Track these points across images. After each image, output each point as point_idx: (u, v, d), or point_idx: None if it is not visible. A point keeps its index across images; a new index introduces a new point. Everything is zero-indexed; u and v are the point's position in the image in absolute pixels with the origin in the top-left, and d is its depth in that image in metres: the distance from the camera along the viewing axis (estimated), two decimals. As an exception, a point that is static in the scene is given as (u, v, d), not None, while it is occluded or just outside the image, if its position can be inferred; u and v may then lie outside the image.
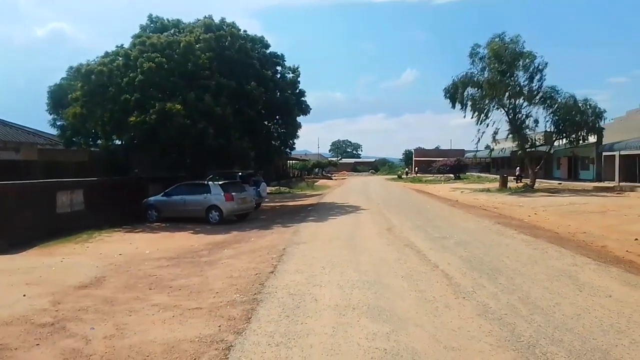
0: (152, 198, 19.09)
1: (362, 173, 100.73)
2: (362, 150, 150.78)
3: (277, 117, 23.93)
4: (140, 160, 22.81)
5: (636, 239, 11.66)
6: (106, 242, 13.96)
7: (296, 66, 24.45)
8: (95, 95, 18.65)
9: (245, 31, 22.71)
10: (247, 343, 5.33)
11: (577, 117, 31.03)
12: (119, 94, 18.31)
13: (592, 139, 33.78)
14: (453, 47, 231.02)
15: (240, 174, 23.15)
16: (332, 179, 68.59)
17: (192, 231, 15.94)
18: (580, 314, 6.03)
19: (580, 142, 32.53)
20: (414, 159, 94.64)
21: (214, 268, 9.70)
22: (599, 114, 31.59)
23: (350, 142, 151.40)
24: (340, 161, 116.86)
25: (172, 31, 21.67)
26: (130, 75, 18.38)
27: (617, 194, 26.19)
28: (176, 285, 8.20)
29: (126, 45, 20.60)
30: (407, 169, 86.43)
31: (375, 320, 5.95)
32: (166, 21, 22.69)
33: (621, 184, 30.32)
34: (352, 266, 9.19)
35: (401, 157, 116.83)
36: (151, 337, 5.66)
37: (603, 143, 33.83)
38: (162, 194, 18.90)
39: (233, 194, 18.14)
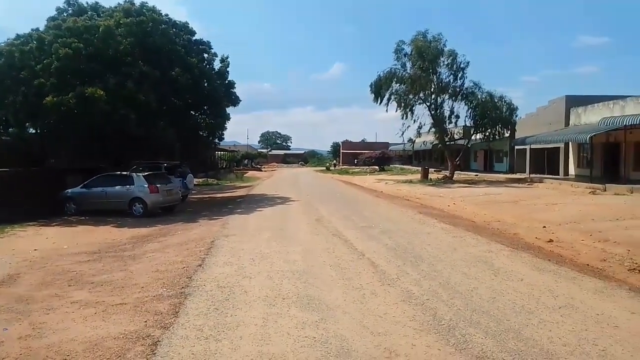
0: (70, 190, 18.08)
1: (291, 165, 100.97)
2: (291, 142, 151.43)
3: (205, 107, 23.39)
4: (57, 150, 21.49)
5: (544, 227, 12.64)
6: (20, 237, 13.07)
7: (225, 56, 24.00)
8: (4, 79, 17.29)
9: (167, 15, 21.95)
10: (174, 337, 5.24)
11: (493, 113, 32.98)
12: (33, 78, 17.10)
13: (507, 133, 36.04)
14: (379, 42, 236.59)
15: (165, 165, 22.47)
16: (261, 171, 68.19)
17: (114, 224, 15.28)
18: (496, 297, 6.47)
19: (496, 136, 34.56)
20: (341, 151, 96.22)
21: (138, 262, 9.39)
22: (512, 110, 33.80)
23: (280, 133, 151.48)
24: (270, 153, 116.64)
25: (90, 14, 20.49)
26: (45, 61, 17.20)
27: (528, 185, 28.12)
28: (98, 281, 7.86)
29: (42, 29, 19.24)
30: (335, 161, 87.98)
31: (305, 310, 6.05)
32: (84, 4, 21.41)
33: (531, 175, 32.66)
34: (281, 257, 9.26)
35: (329, 149, 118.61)
36: (71, 336, 5.40)
37: (516, 137, 36.17)
38: (81, 185, 17.94)
39: (158, 185, 17.59)
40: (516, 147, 37.74)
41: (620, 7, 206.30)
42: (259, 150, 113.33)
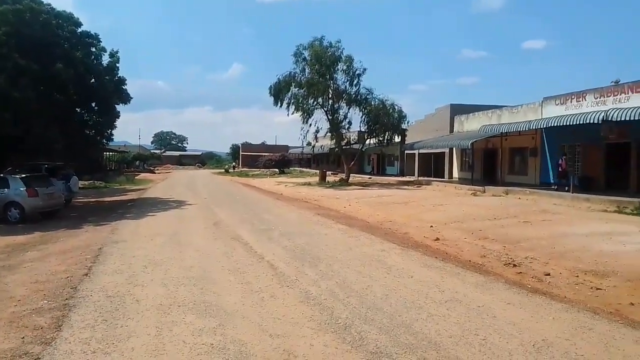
0: None
1: (188, 167, 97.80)
2: (188, 143, 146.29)
3: (93, 104, 21.90)
4: None
5: (431, 226, 13.50)
6: None
7: (115, 50, 22.67)
8: None
9: (49, 5, 20.27)
10: (57, 353, 4.84)
11: (385, 119, 34.65)
12: None
13: (397, 138, 38.04)
14: (279, 45, 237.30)
15: (46, 166, 20.65)
16: (155, 173, 65.17)
17: (-16, 232, 13.74)
18: (388, 294, 6.79)
19: (388, 141, 36.30)
20: (241, 153, 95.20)
21: (14, 273, 8.53)
22: (402, 117, 35.75)
23: (175, 134, 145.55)
24: (165, 154, 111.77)
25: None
26: None
27: (416, 187, 29.87)
28: (-36, 296, 7.02)
29: None
30: (234, 163, 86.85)
31: (202, 316, 5.90)
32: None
33: (420, 178, 34.77)
34: (176, 263, 8.95)
35: (229, 151, 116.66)
36: None
37: (406, 142, 38.29)
38: (-57, 189, 15.89)
39: (37, 188, 16.11)
40: (406, 151, 40.03)
41: (494, 24, 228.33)
42: (152, 151, 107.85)
